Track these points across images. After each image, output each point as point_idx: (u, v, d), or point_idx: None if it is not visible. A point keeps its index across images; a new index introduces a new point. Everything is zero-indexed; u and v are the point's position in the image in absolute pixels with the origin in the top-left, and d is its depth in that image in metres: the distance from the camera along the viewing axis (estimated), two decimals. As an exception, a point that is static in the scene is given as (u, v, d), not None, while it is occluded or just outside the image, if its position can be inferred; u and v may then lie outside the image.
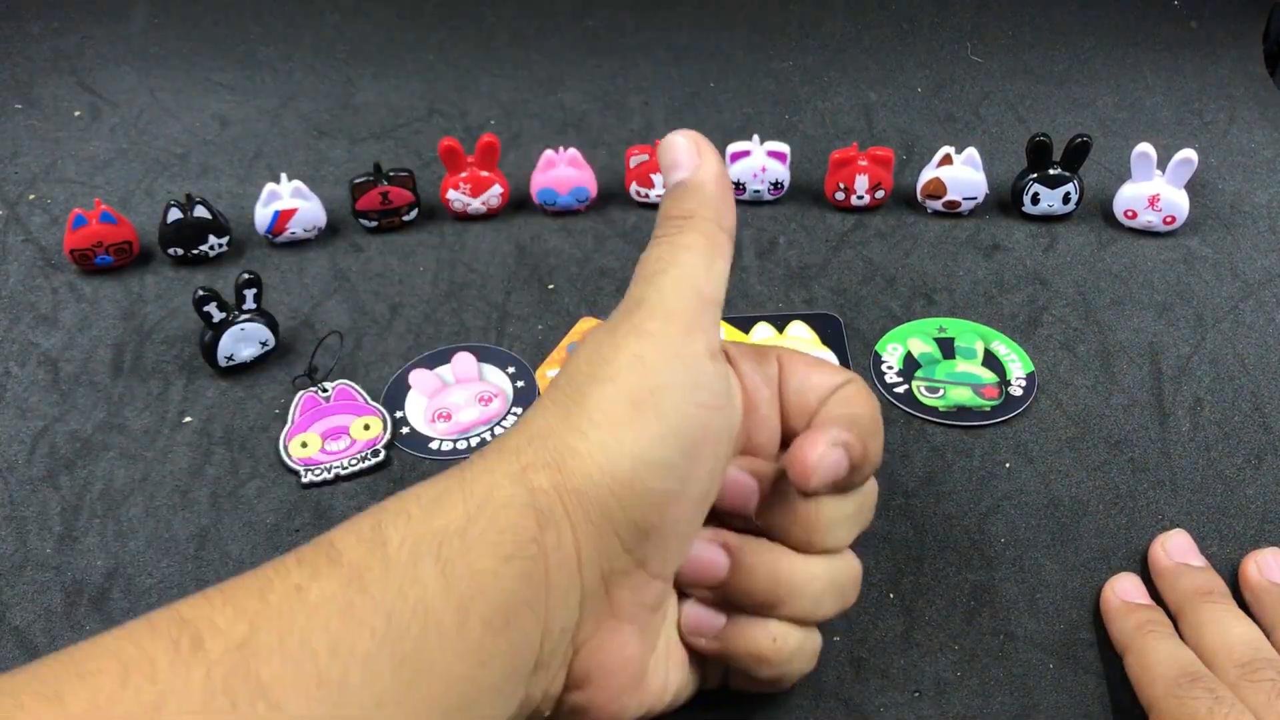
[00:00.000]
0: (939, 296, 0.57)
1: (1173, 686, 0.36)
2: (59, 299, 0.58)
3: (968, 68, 0.77)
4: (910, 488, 0.47)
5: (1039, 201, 0.62)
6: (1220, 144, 0.69)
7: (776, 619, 0.34)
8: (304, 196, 0.60)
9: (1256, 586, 0.41)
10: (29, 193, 0.66)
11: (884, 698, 0.39)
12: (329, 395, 0.51)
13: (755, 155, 0.62)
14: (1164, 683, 0.37)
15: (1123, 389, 0.52)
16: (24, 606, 0.43)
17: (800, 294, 0.58)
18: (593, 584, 0.30)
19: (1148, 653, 0.38)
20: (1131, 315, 0.56)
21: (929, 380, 0.52)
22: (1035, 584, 0.43)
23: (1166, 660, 0.37)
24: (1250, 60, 0.77)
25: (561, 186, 0.62)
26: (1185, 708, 0.35)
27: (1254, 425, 0.50)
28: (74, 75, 0.77)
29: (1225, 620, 0.39)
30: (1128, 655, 0.39)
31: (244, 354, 0.53)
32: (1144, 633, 0.39)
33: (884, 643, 0.41)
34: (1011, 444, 0.49)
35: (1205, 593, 0.40)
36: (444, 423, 0.51)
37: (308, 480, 0.48)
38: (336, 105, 0.75)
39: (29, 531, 0.46)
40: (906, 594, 0.43)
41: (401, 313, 0.57)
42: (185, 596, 0.26)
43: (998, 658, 0.41)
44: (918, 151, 0.69)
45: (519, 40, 0.79)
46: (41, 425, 0.51)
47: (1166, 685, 0.36)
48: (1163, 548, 0.43)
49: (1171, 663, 0.37)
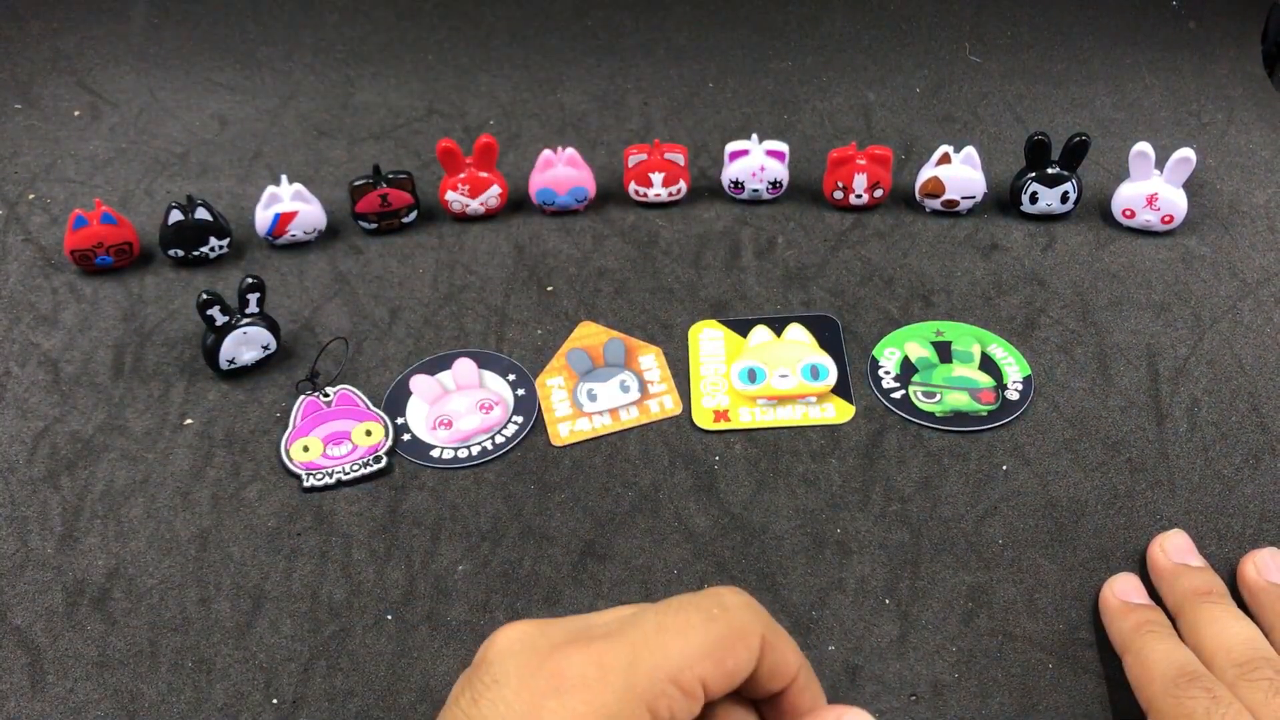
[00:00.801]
0: (936, 298, 0.57)
1: (1170, 686, 0.36)
2: (59, 299, 0.58)
3: (966, 67, 0.77)
4: (906, 493, 0.47)
5: (1037, 201, 0.62)
6: (1218, 144, 0.69)
7: None
8: (304, 199, 0.60)
9: (1254, 586, 0.41)
10: (29, 192, 0.67)
11: (880, 703, 0.40)
12: (330, 400, 0.52)
13: (754, 154, 0.62)
14: (1162, 682, 0.37)
15: (1120, 391, 0.52)
16: (25, 606, 0.43)
17: (798, 295, 0.58)
18: None
19: (1146, 652, 0.38)
20: (1129, 316, 0.56)
21: (926, 385, 0.52)
22: (1034, 584, 0.43)
23: (1165, 660, 0.38)
24: (1248, 61, 0.77)
25: (560, 186, 0.62)
26: (1183, 708, 0.35)
27: (1251, 425, 0.50)
28: (74, 75, 0.77)
29: (1224, 620, 0.39)
30: (1126, 655, 0.39)
31: (246, 358, 0.53)
32: (1142, 633, 0.39)
33: (880, 648, 0.41)
34: (1008, 447, 0.49)
35: (1204, 593, 0.41)
36: (445, 430, 0.51)
37: (309, 484, 0.48)
38: (336, 105, 0.75)
39: (30, 532, 0.46)
40: (902, 599, 0.43)
41: (401, 316, 0.57)
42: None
43: (996, 659, 0.41)
44: (916, 151, 0.69)
45: (518, 40, 0.79)
46: (42, 426, 0.51)
47: (1164, 685, 0.36)
48: (1161, 548, 0.43)
49: (1169, 662, 0.37)
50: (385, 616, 0.43)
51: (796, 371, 0.52)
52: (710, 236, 0.62)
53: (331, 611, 0.43)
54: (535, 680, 0.27)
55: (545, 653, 0.27)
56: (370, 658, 0.42)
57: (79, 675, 0.41)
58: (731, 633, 0.28)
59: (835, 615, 0.43)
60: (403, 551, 0.46)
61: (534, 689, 0.27)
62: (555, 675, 0.27)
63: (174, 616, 0.43)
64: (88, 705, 0.40)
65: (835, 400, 0.51)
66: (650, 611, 0.29)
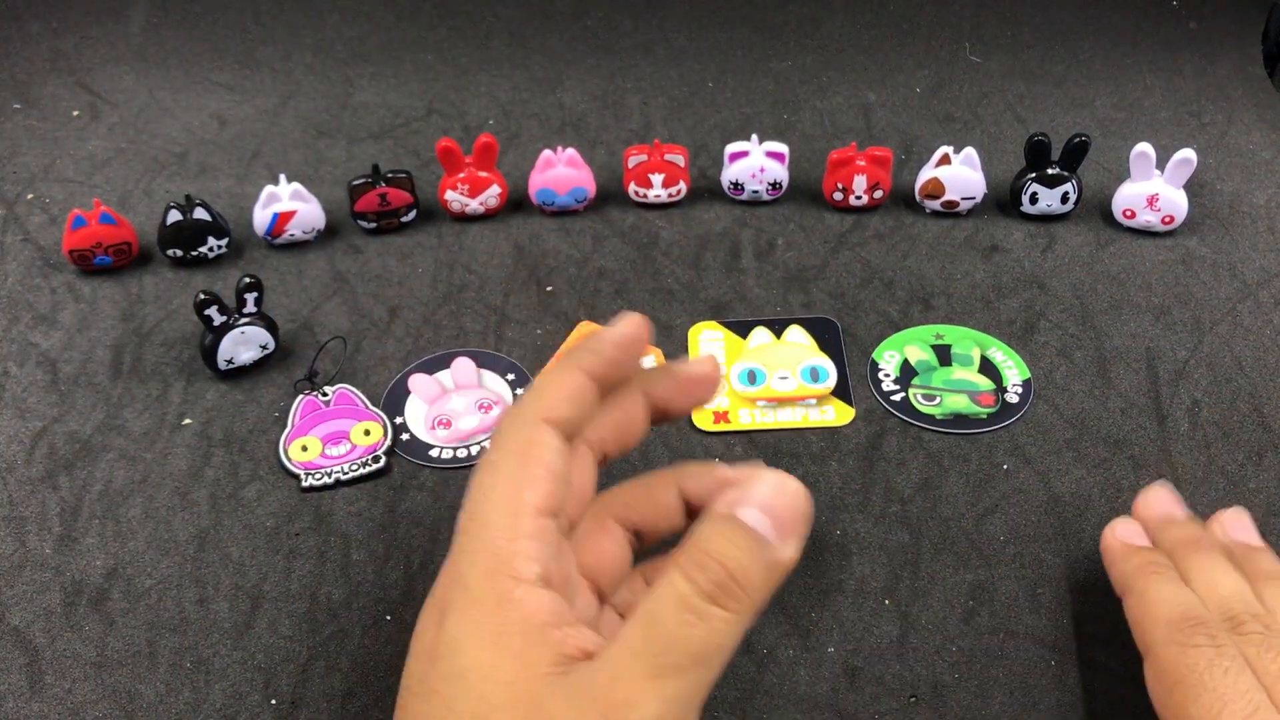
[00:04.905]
0: (936, 301, 0.57)
1: (1174, 632, 0.35)
2: (58, 299, 0.58)
3: (966, 68, 0.77)
4: (906, 494, 0.47)
5: (1037, 201, 0.62)
6: (1219, 144, 0.69)
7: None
8: (303, 199, 0.60)
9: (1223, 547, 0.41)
10: (28, 192, 0.66)
11: (879, 705, 0.39)
12: (329, 399, 0.51)
13: (754, 156, 0.62)
14: (1165, 627, 0.36)
15: (1120, 393, 0.52)
16: (23, 606, 0.43)
17: (798, 297, 0.58)
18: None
19: (1149, 594, 0.37)
20: (1129, 319, 0.56)
21: (925, 387, 0.52)
22: (1036, 579, 0.43)
23: (1168, 603, 0.37)
24: (1249, 61, 0.77)
25: (560, 187, 0.62)
26: (1186, 657, 0.34)
27: (1253, 424, 0.50)
28: (73, 75, 0.77)
29: (1213, 571, 0.38)
30: (1128, 597, 0.38)
31: (244, 357, 0.53)
32: (1146, 574, 0.38)
33: (879, 650, 0.41)
34: (1008, 447, 0.49)
35: (1192, 542, 0.40)
36: (444, 430, 0.51)
37: (308, 484, 0.48)
38: (335, 105, 0.74)
39: (28, 532, 0.46)
40: (902, 599, 0.43)
41: (400, 315, 0.57)
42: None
43: (997, 657, 0.41)
44: (916, 151, 0.69)
45: (517, 40, 0.79)
46: (40, 426, 0.51)
47: (1167, 630, 0.36)
48: (1145, 501, 0.43)
49: (1173, 605, 0.36)
50: (384, 617, 0.43)
51: (796, 374, 0.52)
52: (710, 238, 0.62)
53: (330, 612, 0.43)
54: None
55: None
56: (369, 658, 0.42)
57: (77, 675, 0.41)
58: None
59: (835, 616, 0.43)
60: (402, 551, 0.45)
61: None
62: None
63: (172, 617, 0.43)
64: (86, 705, 0.40)
65: (835, 403, 0.51)
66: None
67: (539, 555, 0.29)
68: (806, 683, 0.40)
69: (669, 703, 0.26)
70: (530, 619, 0.28)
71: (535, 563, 0.28)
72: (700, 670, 0.27)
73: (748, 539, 0.28)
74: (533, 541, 0.29)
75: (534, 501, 0.29)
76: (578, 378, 0.32)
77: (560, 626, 0.28)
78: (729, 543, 0.28)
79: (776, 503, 0.29)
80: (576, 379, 0.32)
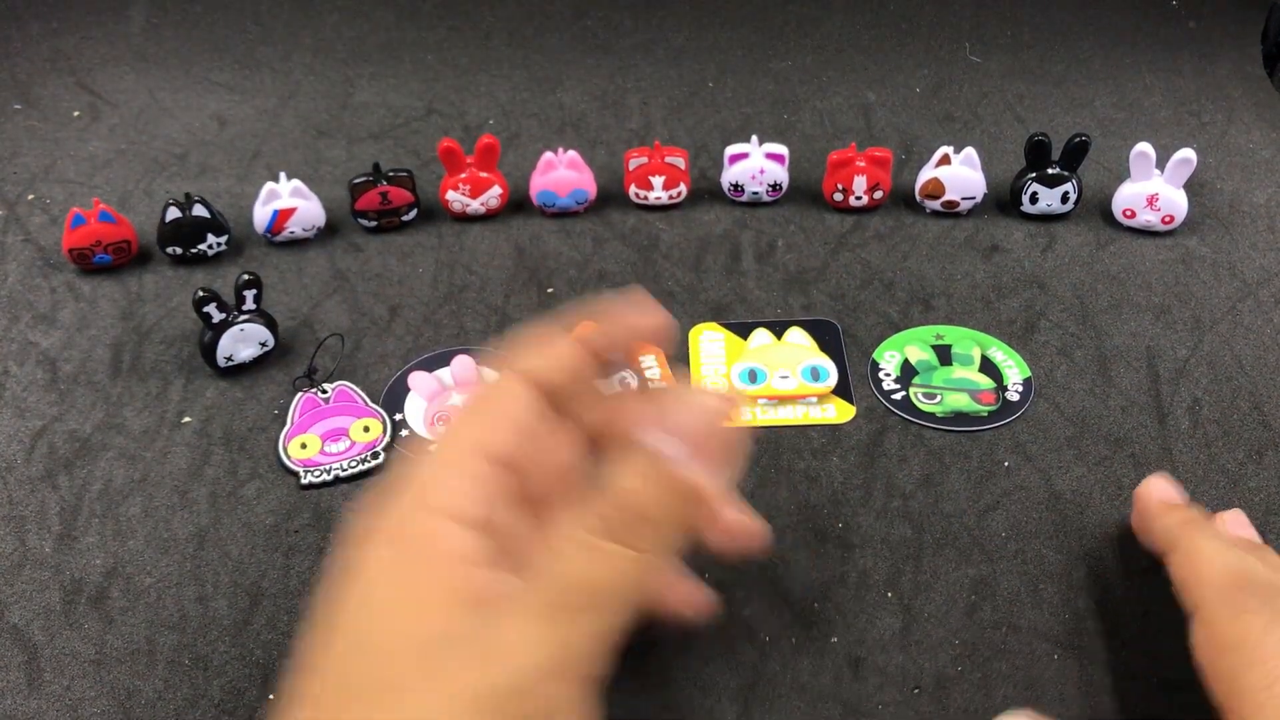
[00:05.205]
0: (936, 302, 0.57)
1: (1226, 592, 0.34)
2: (57, 298, 0.58)
3: (966, 68, 0.77)
4: (908, 490, 0.47)
5: (1038, 201, 0.62)
6: (1218, 144, 0.69)
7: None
8: (303, 196, 0.60)
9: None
10: (28, 193, 0.66)
11: (883, 696, 0.39)
12: (328, 396, 0.51)
13: (754, 157, 0.62)
14: (1216, 587, 0.35)
15: (1120, 392, 0.52)
16: (23, 605, 0.43)
17: (799, 299, 0.58)
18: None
19: (1196, 550, 0.36)
20: (1129, 319, 0.56)
21: (926, 386, 0.52)
22: (1038, 575, 0.43)
23: (1219, 560, 0.36)
24: (1248, 61, 0.77)
25: (561, 189, 0.62)
26: (1239, 621, 0.33)
27: (1254, 423, 0.50)
28: (73, 75, 0.77)
29: (1215, 547, 0.38)
30: (1174, 554, 0.37)
31: (243, 355, 0.53)
32: (1191, 529, 0.38)
33: (882, 641, 0.41)
34: (1010, 445, 0.49)
35: (1194, 522, 0.39)
36: (444, 426, 0.51)
37: (307, 481, 0.48)
38: (335, 105, 0.75)
39: (28, 531, 0.46)
40: (905, 592, 0.43)
41: (400, 314, 0.57)
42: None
43: (1000, 651, 0.41)
44: (916, 151, 0.69)
45: (517, 40, 0.79)
46: (40, 425, 0.51)
47: (1220, 591, 0.35)
48: (1146, 487, 0.42)
49: (1223, 563, 0.35)
50: (384, 614, 0.43)
51: (797, 373, 0.52)
52: (710, 239, 0.62)
53: (330, 609, 0.43)
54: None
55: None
56: (369, 655, 0.42)
57: (76, 673, 0.41)
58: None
59: (837, 608, 0.42)
60: (402, 549, 0.45)
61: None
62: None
63: (171, 614, 0.43)
64: (84, 703, 0.40)
65: (836, 401, 0.51)
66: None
67: (469, 493, 0.27)
68: (809, 672, 0.40)
69: (559, 646, 0.24)
70: (442, 553, 0.26)
71: (463, 499, 0.27)
72: (599, 614, 0.25)
73: (653, 468, 0.25)
74: (466, 480, 0.27)
75: (478, 442, 0.28)
76: (567, 343, 0.30)
77: (477, 566, 0.26)
78: (634, 472, 0.25)
79: (691, 423, 0.26)
80: (565, 344, 0.30)
